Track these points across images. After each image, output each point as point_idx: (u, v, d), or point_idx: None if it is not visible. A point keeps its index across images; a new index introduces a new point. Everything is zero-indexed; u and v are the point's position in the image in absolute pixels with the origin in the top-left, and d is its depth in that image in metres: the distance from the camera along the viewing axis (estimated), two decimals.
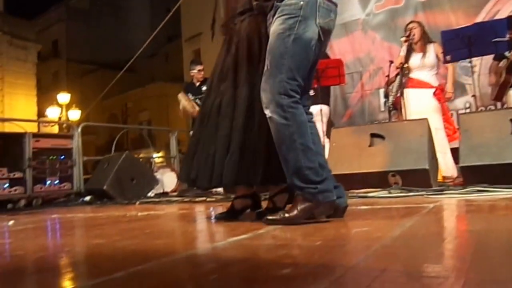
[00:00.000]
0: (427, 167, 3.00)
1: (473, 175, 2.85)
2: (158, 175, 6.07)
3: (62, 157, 5.41)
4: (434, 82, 4.43)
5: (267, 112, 1.93)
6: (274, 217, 1.90)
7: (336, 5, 2.02)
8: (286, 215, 1.88)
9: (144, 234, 2.04)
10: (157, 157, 13.76)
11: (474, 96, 4.72)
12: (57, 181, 5.34)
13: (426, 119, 3.28)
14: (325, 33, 1.97)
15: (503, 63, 4.60)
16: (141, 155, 22.67)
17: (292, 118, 1.88)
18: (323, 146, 4.37)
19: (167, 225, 2.51)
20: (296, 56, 1.91)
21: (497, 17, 5.90)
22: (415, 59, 4.41)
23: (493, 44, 4.13)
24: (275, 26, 1.96)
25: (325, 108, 5.03)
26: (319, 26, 1.93)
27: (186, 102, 5.81)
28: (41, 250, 1.82)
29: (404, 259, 1.08)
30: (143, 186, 5.32)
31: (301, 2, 1.92)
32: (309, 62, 1.96)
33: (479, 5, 6.22)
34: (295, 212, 1.86)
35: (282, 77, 1.90)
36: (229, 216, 2.28)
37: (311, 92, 4.90)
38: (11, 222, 3.22)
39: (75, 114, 15.60)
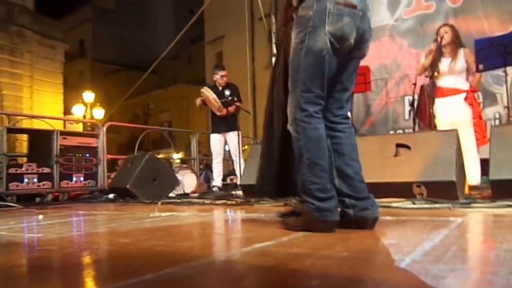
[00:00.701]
0: (454, 179, 2.94)
1: (503, 190, 2.79)
2: (179, 176, 6.12)
3: (87, 155, 5.53)
4: (464, 86, 4.31)
5: (288, 125, 1.99)
6: (284, 219, 2.04)
7: (354, 6, 1.91)
8: (291, 222, 1.97)
9: (169, 236, 2.07)
10: (177, 158, 13.91)
11: (507, 107, 4.59)
12: (82, 178, 5.45)
13: (455, 130, 3.22)
14: (339, 40, 1.90)
15: None
16: (161, 155, 22.98)
17: (302, 132, 1.92)
18: None
19: (190, 227, 2.52)
20: (309, 69, 1.91)
21: None
22: (444, 64, 4.29)
23: None
24: (292, 41, 1.99)
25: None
26: (329, 33, 1.88)
27: (210, 93, 5.86)
28: (70, 246, 1.86)
29: (438, 276, 1.07)
30: (165, 186, 5.37)
31: (310, 13, 1.90)
32: (324, 71, 1.92)
33: None
34: (297, 221, 1.94)
35: (298, 91, 1.93)
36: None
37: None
38: (40, 217, 3.30)
39: (99, 113, 15.88)
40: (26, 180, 4.81)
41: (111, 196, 5.25)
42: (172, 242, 1.85)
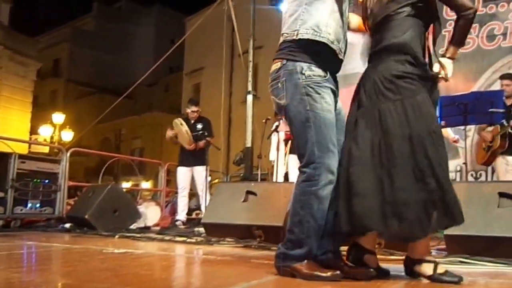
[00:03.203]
0: None
1: (456, 245, 2.82)
2: (142, 208, 5.98)
3: (47, 181, 5.34)
4: None
5: None
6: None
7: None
8: None
9: (115, 278, 1.98)
10: (145, 189, 13.67)
11: (465, 163, 4.74)
12: (39, 205, 5.23)
13: None
14: None
15: (496, 128, 4.69)
16: (130, 183, 22.52)
17: None
18: None
19: (142, 268, 2.42)
20: None
21: (495, 85, 6.01)
22: None
23: (489, 114, 4.17)
24: None
25: None
26: None
27: (184, 125, 5.83)
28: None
29: None
30: (125, 218, 5.21)
31: None
32: None
33: (479, 71, 6.29)
34: None
35: None
36: None
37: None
38: None
39: (67, 135, 15.54)
40: None
41: (67, 225, 5.05)
42: (115, 286, 1.77)
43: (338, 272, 1.96)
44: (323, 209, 1.98)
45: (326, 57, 2.11)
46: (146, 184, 22.42)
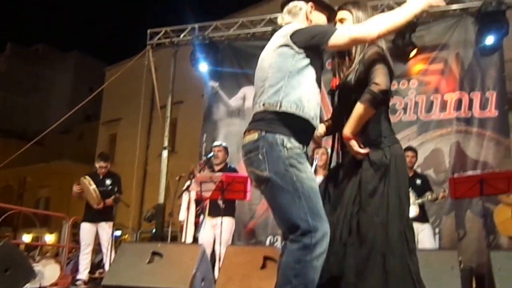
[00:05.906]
0: None
1: None
2: (39, 266, 5.53)
3: None
4: None
5: None
6: None
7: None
8: None
9: None
10: (46, 244, 12.67)
11: None
12: None
13: None
14: None
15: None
16: (31, 234, 20.66)
17: None
18: (219, 259, 4.29)
19: None
20: None
21: None
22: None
23: None
24: None
25: (227, 220, 4.96)
26: None
27: (91, 184, 5.58)
28: None
29: None
30: (17, 279, 4.74)
31: None
32: None
33: None
34: None
35: None
36: None
37: (221, 204, 4.90)
38: None
39: None
40: None
41: None
42: None
43: None
44: (316, 279, 1.93)
45: (305, 132, 2.11)
46: (49, 237, 20.73)
